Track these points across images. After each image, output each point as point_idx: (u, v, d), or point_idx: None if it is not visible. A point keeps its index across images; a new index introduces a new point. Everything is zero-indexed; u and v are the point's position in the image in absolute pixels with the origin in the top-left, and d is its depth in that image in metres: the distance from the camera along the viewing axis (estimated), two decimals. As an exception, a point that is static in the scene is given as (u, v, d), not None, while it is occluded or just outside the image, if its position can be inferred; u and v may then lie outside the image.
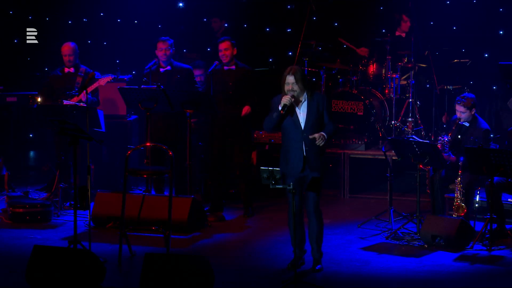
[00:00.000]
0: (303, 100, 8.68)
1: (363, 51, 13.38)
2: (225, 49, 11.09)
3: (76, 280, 7.75)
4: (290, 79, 8.61)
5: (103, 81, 11.49)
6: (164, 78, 11.24)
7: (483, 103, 13.44)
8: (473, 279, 8.69)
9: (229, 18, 14.53)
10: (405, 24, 13.37)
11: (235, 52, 11.13)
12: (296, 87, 8.61)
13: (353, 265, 9.12)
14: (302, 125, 8.65)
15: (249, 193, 11.33)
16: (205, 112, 11.29)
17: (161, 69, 11.34)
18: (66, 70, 11.84)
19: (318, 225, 8.79)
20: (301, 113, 8.68)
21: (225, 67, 11.16)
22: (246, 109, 11.04)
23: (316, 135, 8.60)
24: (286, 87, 8.63)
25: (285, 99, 8.58)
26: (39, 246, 8.01)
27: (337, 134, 12.31)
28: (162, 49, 11.27)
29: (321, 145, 8.60)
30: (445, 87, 12.79)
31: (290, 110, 8.62)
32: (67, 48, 11.83)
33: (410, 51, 12.90)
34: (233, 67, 11.16)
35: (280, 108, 8.59)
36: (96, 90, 11.69)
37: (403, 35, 13.37)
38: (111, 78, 11.48)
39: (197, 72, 12.06)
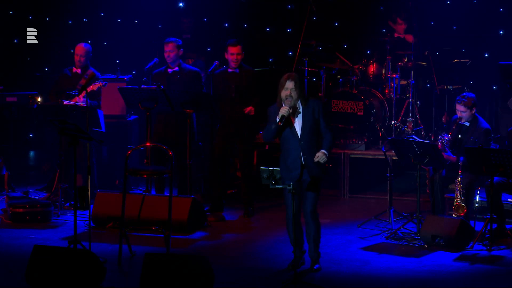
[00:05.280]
0: (298, 109, 8.66)
1: (358, 68, 13.35)
2: (237, 53, 11.02)
3: (76, 280, 7.75)
4: (289, 84, 8.56)
5: (95, 86, 11.37)
6: (171, 79, 11.26)
7: (483, 103, 13.42)
8: (473, 279, 8.69)
9: (229, 18, 14.52)
10: (400, 27, 13.36)
11: (243, 56, 11.11)
12: (294, 93, 8.56)
13: (353, 265, 9.12)
14: (299, 134, 8.63)
15: (249, 193, 11.32)
16: (205, 113, 11.27)
17: (169, 70, 11.36)
18: (74, 70, 11.83)
19: (315, 226, 8.79)
20: (297, 122, 8.65)
21: (229, 70, 11.13)
22: (249, 109, 11.00)
23: (319, 154, 8.56)
24: (284, 92, 8.58)
25: (283, 111, 8.53)
26: (39, 246, 8.01)
27: (336, 135, 12.33)
28: (166, 51, 11.28)
29: (323, 161, 8.58)
30: (445, 87, 12.78)
31: (288, 120, 8.61)
32: (80, 48, 11.81)
33: (410, 51, 12.89)
34: (237, 69, 11.12)
35: (278, 119, 8.55)
36: (97, 94, 11.59)
37: (401, 36, 13.37)
38: (101, 84, 11.39)
39: None
